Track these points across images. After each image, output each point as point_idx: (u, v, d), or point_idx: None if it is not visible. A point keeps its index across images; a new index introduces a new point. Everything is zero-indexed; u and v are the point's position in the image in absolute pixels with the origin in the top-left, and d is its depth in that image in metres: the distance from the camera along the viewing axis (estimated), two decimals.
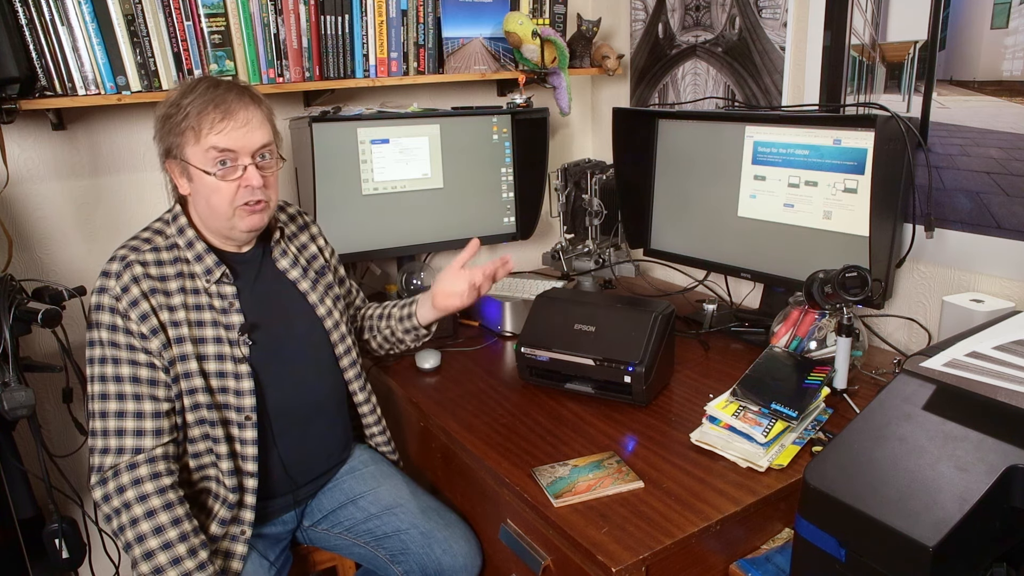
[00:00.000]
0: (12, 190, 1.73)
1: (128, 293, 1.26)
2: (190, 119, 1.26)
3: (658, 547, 1.08)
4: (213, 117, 1.26)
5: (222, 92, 1.28)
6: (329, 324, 1.47)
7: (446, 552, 1.43)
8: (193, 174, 1.29)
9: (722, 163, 1.85)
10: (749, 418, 1.28)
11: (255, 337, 1.36)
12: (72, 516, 1.55)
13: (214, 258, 1.35)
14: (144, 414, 1.26)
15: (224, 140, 1.27)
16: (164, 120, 1.30)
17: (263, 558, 1.40)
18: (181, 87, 1.31)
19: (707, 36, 2.05)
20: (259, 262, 1.43)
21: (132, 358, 1.27)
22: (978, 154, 1.49)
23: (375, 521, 1.48)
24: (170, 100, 1.30)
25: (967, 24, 1.47)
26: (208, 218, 1.34)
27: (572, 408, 1.50)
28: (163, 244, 1.34)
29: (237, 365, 1.33)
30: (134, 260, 1.29)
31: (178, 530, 1.23)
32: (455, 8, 2.04)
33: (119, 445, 1.25)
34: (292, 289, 1.45)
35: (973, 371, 0.98)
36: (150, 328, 1.27)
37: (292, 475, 1.43)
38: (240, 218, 1.32)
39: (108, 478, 1.24)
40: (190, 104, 1.26)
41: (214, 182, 1.28)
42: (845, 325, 1.42)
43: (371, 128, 1.94)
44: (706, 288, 2.10)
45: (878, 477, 0.88)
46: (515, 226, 2.19)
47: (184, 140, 1.27)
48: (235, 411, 1.33)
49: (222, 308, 1.34)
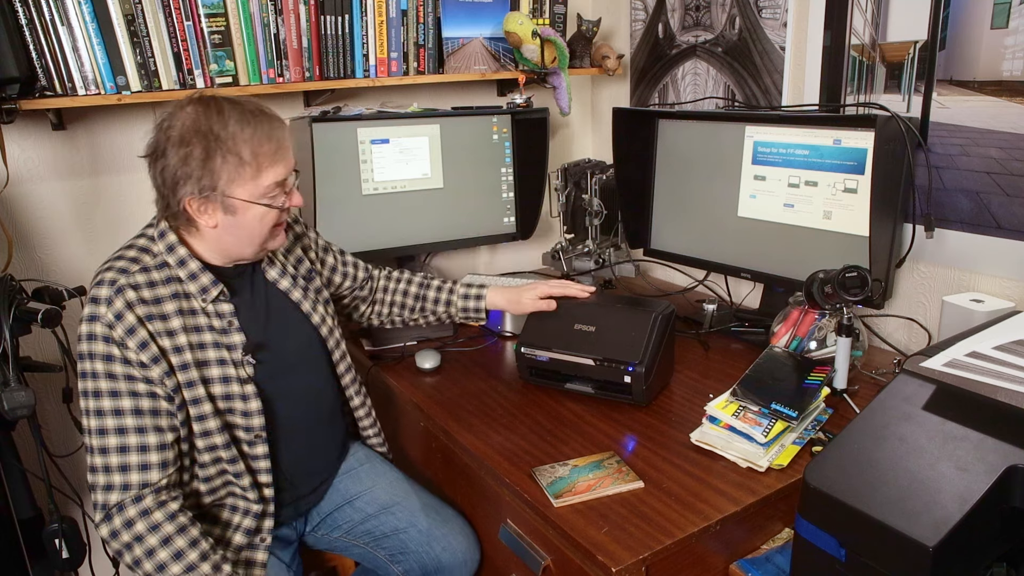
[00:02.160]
0: (12, 190, 1.73)
1: (123, 320, 1.17)
2: (244, 154, 1.18)
3: (658, 547, 1.08)
4: (268, 149, 1.20)
5: (266, 120, 1.21)
6: (324, 331, 1.44)
7: (445, 549, 1.43)
8: (237, 207, 1.21)
9: (722, 163, 1.85)
10: (749, 418, 1.28)
11: (258, 356, 1.31)
12: (72, 516, 1.55)
13: (210, 276, 1.27)
14: (148, 447, 1.19)
15: (281, 172, 1.23)
16: (205, 158, 1.17)
17: (281, 562, 1.40)
18: (191, 112, 1.19)
19: (707, 36, 2.05)
20: (251, 276, 1.36)
21: (132, 389, 1.19)
22: (978, 154, 1.49)
23: (373, 521, 1.48)
24: (199, 129, 1.17)
25: (967, 24, 1.47)
26: (233, 247, 1.27)
27: (572, 408, 1.50)
28: (152, 263, 1.24)
29: (243, 386, 1.29)
30: (125, 284, 1.20)
31: (198, 551, 1.20)
32: (455, 8, 2.04)
33: (124, 481, 1.18)
34: (285, 300, 1.40)
35: (973, 371, 0.98)
36: (150, 357, 1.19)
37: (295, 484, 1.42)
38: (273, 238, 1.29)
39: (113, 514, 1.18)
40: (234, 137, 1.18)
41: (264, 211, 1.23)
42: (845, 325, 1.42)
43: (371, 128, 1.94)
44: (706, 288, 2.10)
45: (878, 477, 0.88)
46: (515, 226, 2.19)
47: (236, 177, 1.19)
48: (243, 431, 1.30)
49: (221, 328, 1.28)
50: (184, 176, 1.18)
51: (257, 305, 1.36)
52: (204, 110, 1.19)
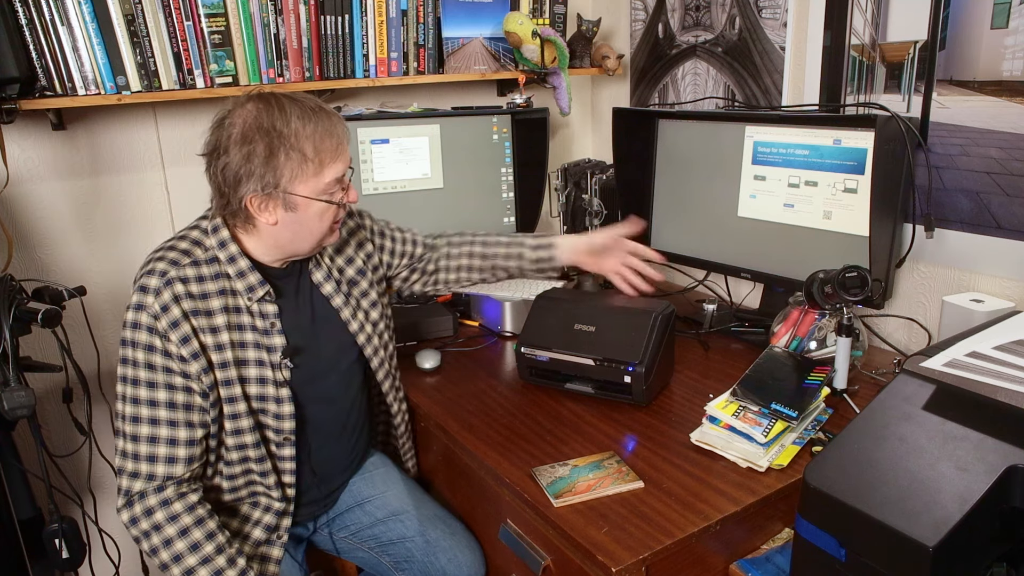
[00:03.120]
0: (12, 190, 1.73)
1: (168, 313, 1.18)
2: (307, 151, 1.18)
3: (658, 547, 1.08)
4: (330, 145, 1.20)
5: (326, 116, 1.21)
6: (362, 339, 1.43)
7: (451, 561, 1.43)
8: (299, 204, 1.20)
9: (722, 163, 1.85)
10: (749, 418, 1.28)
11: (296, 360, 1.31)
12: (72, 516, 1.55)
13: (258, 276, 1.27)
14: (178, 441, 1.21)
15: (341, 167, 1.23)
16: (268, 155, 1.16)
17: (293, 560, 1.41)
18: (252, 108, 1.17)
19: (707, 36, 2.05)
20: (297, 277, 1.35)
21: (169, 381, 1.20)
22: (978, 154, 1.49)
23: (380, 527, 1.48)
24: (261, 126, 1.16)
25: (967, 24, 1.47)
26: (290, 243, 1.26)
27: (572, 408, 1.50)
28: (203, 257, 1.24)
29: (278, 389, 1.29)
30: (175, 277, 1.20)
31: (214, 543, 1.21)
32: (455, 8, 2.04)
33: (150, 471, 1.20)
34: (326, 305, 1.39)
35: (973, 371, 0.98)
36: (191, 352, 1.20)
37: (317, 485, 1.43)
38: (330, 234, 1.29)
39: (135, 501, 1.20)
40: (296, 133, 1.17)
41: (324, 207, 1.22)
42: (845, 325, 1.42)
43: (371, 128, 1.94)
44: (706, 288, 2.10)
45: (878, 477, 0.88)
46: (515, 226, 2.19)
47: (299, 174, 1.18)
48: (274, 432, 1.31)
49: (263, 329, 1.28)
50: (247, 174, 1.17)
51: (301, 308, 1.35)
52: (265, 107, 1.18)
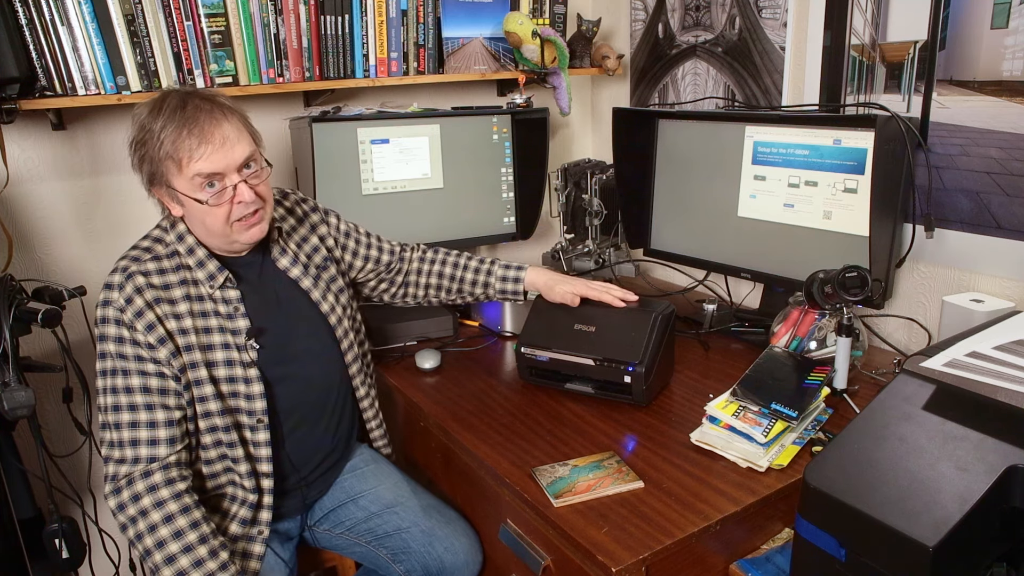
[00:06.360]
0: (12, 190, 1.73)
1: (132, 304, 1.25)
2: (166, 147, 1.21)
3: (658, 547, 1.08)
4: (190, 144, 1.21)
5: (191, 113, 1.21)
6: (333, 320, 1.47)
7: (448, 550, 1.43)
8: (183, 200, 1.26)
9: (722, 163, 1.85)
10: (749, 418, 1.28)
11: (262, 341, 1.35)
12: (72, 516, 1.55)
13: (216, 263, 1.33)
14: (157, 423, 1.26)
15: (208, 165, 1.22)
16: (138, 146, 1.25)
17: (278, 557, 1.41)
18: (148, 104, 1.25)
19: (707, 36, 2.05)
20: (260, 263, 1.41)
21: (141, 368, 1.26)
22: (978, 154, 1.49)
23: (376, 520, 1.48)
24: (138, 122, 1.24)
25: (967, 24, 1.47)
26: (206, 236, 1.32)
27: (572, 408, 1.50)
28: (163, 252, 1.32)
29: (246, 370, 1.33)
30: (135, 271, 1.27)
31: (198, 533, 1.23)
32: (455, 8, 2.04)
33: (134, 455, 1.24)
34: (294, 288, 1.44)
35: (973, 371, 0.98)
36: (157, 338, 1.26)
37: (302, 472, 1.44)
38: (239, 232, 1.30)
39: (122, 487, 1.23)
40: (161, 130, 1.21)
41: (206, 208, 1.25)
42: (845, 325, 1.42)
43: (371, 128, 1.94)
44: (706, 288, 2.10)
45: (878, 477, 0.88)
46: (515, 226, 2.19)
47: (166, 169, 1.23)
48: (247, 415, 1.33)
49: (227, 314, 1.33)
50: (138, 169, 1.28)
51: (266, 292, 1.40)
52: (152, 105, 1.24)
